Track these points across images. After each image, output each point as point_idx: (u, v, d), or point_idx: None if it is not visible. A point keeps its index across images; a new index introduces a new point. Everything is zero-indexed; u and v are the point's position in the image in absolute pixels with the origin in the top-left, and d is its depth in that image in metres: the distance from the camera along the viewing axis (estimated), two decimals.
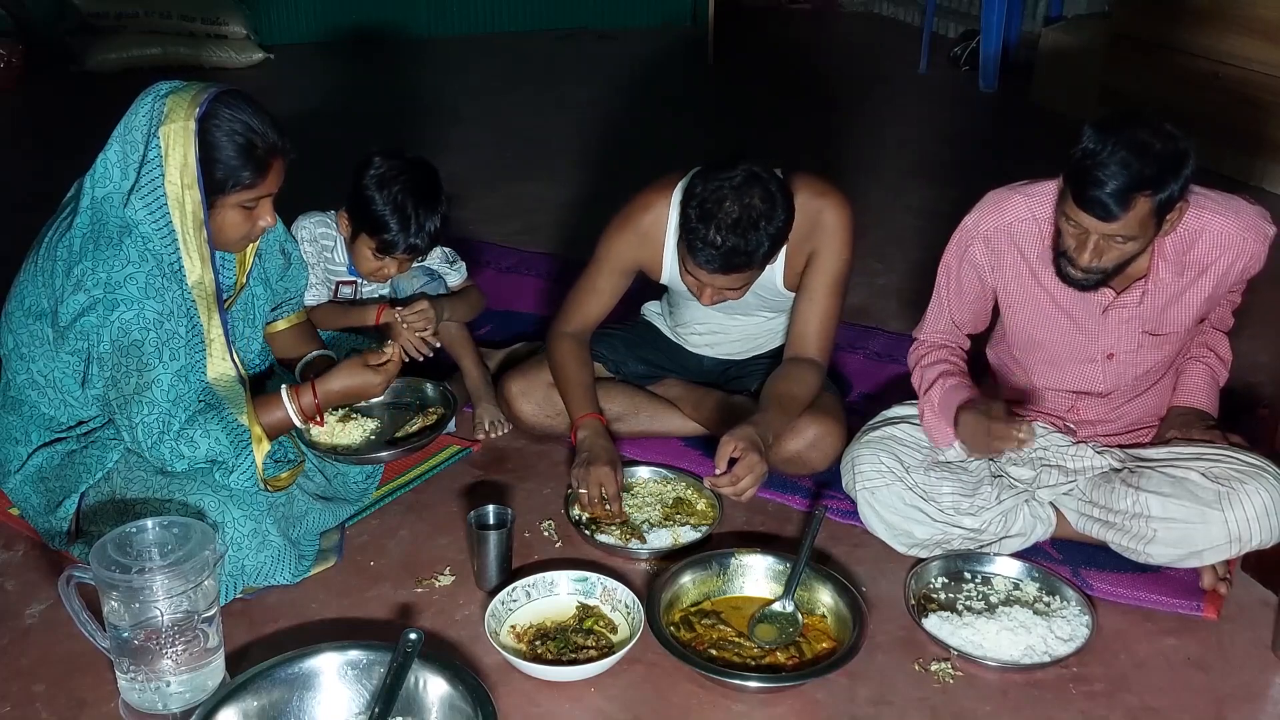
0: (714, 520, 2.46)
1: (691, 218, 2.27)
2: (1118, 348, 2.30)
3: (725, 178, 2.26)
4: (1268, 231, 2.23)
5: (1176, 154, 2.01)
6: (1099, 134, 2.02)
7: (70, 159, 2.36)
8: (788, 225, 2.32)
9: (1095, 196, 2.01)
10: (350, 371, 2.27)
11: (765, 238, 2.27)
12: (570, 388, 2.59)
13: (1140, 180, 1.99)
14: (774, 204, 2.27)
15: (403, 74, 6.33)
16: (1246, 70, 4.52)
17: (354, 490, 2.47)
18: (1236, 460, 2.21)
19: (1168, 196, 2.02)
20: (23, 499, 2.27)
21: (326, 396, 2.25)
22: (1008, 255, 2.30)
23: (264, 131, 2.08)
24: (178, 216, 2.05)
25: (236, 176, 2.07)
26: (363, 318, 2.75)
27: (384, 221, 2.61)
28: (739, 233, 2.24)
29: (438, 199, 2.67)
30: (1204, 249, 2.20)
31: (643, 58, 6.78)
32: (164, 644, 1.82)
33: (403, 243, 2.63)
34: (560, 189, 4.58)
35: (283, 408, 2.21)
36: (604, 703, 1.98)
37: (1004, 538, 2.33)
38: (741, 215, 2.24)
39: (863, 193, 4.49)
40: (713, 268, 2.29)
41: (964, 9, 7.00)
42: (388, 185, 2.60)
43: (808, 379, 2.51)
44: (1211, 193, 2.22)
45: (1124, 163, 1.98)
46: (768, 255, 2.31)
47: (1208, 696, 2.03)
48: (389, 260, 2.69)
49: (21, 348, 2.18)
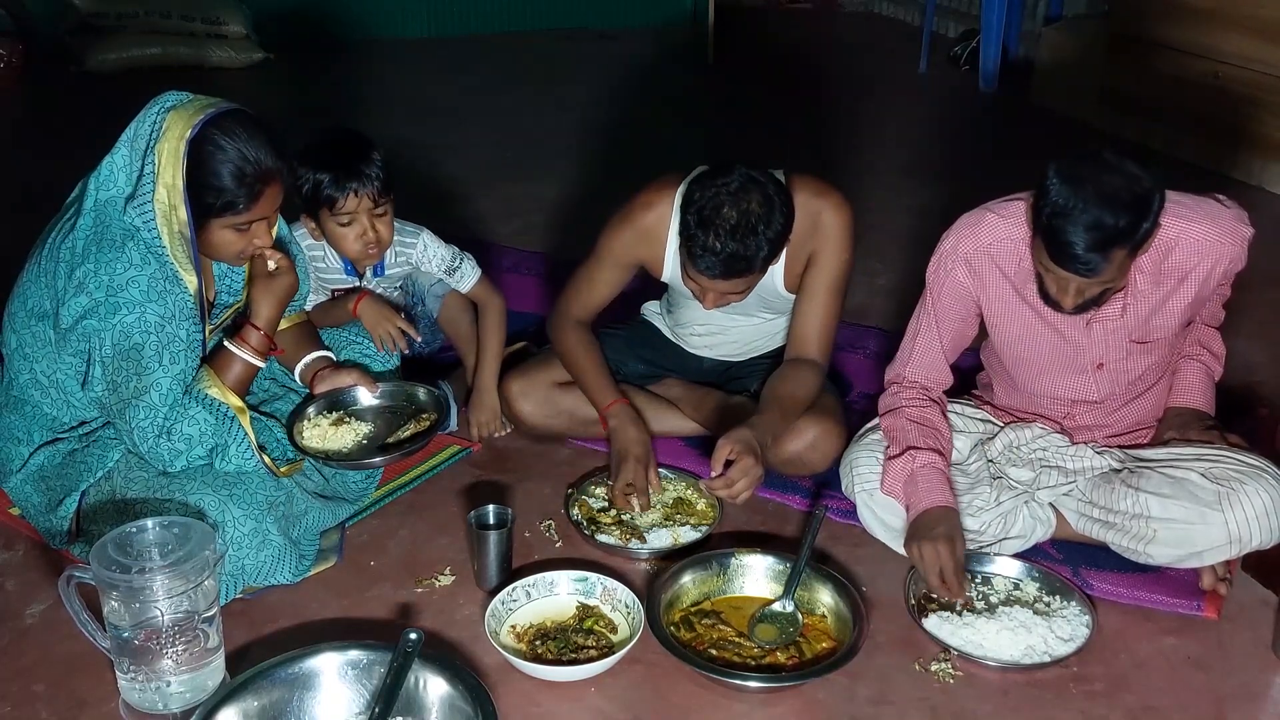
0: (714, 520, 2.46)
1: (690, 224, 2.27)
2: (1106, 357, 2.30)
3: (722, 183, 2.26)
4: (1244, 233, 2.21)
5: (1145, 197, 1.97)
6: (1066, 186, 1.97)
7: (70, 159, 2.37)
8: (787, 228, 2.32)
9: (1072, 256, 1.99)
10: (264, 291, 2.24)
11: (764, 242, 2.27)
12: (588, 375, 2.60)
13: (1115, 236, 1.96)
14: (772, 207, 2.27)
15: (403, 74, 6.32)
16: (1246, 70, 4.52)
17: (353, 490, 2.47)
18: (1236, 461, 2.21)
19: (1142, 237, 2.00)
20: (23, 498, 2.27)
21: (268, 323, 2.24)
22: (989, 275, 2.28)
23: (257, 159, 2.06)
24: (166, 232, 2.07)
25: (225, 202, 2.07)
26: (345, 311, 2.73)
27: (317, 180, 2.53)
28: (738, 238, 2.24)
29: (361, 140, 2.59)
30: (1181, 256, 2.18)
31: (642, 57, 6.78)
32: (164, 644, 1.83)
33: (345, 184, 2.52)
34: (560, 189, 4.58)
35: (237, 359, 2.20)
36: (604, 703, 1.98)
37: (1004, 539, 2.32)
38: (740, 220, 2.24)
39: (863, 193, 4.48)
40: (714, 274, 2.29)
41: (964, 9, 6.99)
42: (306, 155, 2.54)
43: (808, 380, 2.51)
44: (1185, 198, 2.19)
45: (1096, 223, 1.95)
46: (768, 259, 2.31)
47: (1208, 696, 2.03)
48: (359, 220, 2.57)
49: (24, 347, 2.18)
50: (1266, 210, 4.24)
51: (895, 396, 2.40)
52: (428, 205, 4.29)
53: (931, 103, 5.96)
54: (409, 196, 4.09)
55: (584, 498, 2.53)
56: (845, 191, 2.51)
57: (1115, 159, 1.99)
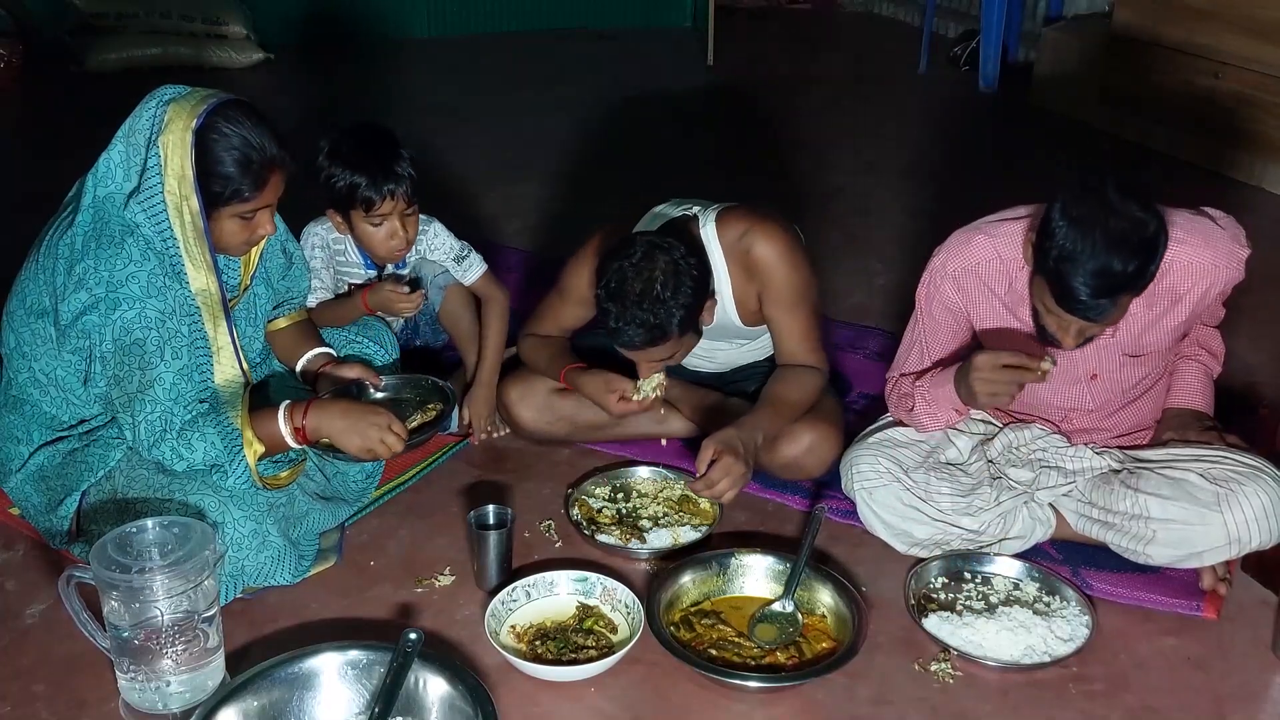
0: (714, 520, 2.46)
1: (601, 299, 2.29)
2: (1100, 369, 2.29)
3: (625, 256, 2.28)
4: (1241, 255, 2.20)
5: (1152, 240, 1.94)
6: (1073, 230, 1.94)
7: (70, 159, 2.36)
8: (699, 290, 2.31)
9: (1079, 301, 1.97)
10: (345, 426, 2.20)
11: (676, 308, 2.27)
12: (547, 357, 2.64)
13: (1123, 282, 1.95)
14: (678, 272, 2.27)
15: (403, 74, 6.32)
16: (1246, 70, 4.52)
17: (353, 490, 2.47)
18: (1234, 461, 2.21)
19: (1148, 279, 1.99)
20: (23, 498, 2.27)
21: (314, 433, 2.20)
22: (978, 293, 2.28)
23: (262, 145, 2.07)
24: (178, 225, 2.06)
25: (233, 189, 2.08)
26: (353, 308, 2.74)
27: (353, 183, 2.54)
28: (645, 307, 2.25)
29: (391, 139, 2.61)
30: (1175, 279, 2.17)
31: (642, 58, 6.78)
32: (164, 644, 1.83)
33: (382, 186, 2.54)
34: (560, 189, 4.58)
35: (275, 424, 2.17)
36: (604, 703, 1.98)
37: (1004, 539, 2.33)
38: (645, 290, 2.25)
39: (863, 193, 4.49)
40: (634, 345, 2.31)
41: (964, 9, 6.99)
42: (338, 152, 2.56)
43: (805, 382, 2.50)
44: (1180, 216, 2.17)
45: (1104, 269, 1.92)
46: (685, 322, 2.30)
47: (1208, 696, 2.03)
48: (390, 221, 2.59)
49: (23, 346, 2.18)
50: (1266, 210, 4.24)
51: (890, 390, 2.45)
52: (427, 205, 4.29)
53: (931, 103, 5.96)
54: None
55: (584, 498, 2.53)
56: (845, 192, 2.50)
57: (1119, 199, 1.95)
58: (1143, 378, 2.32)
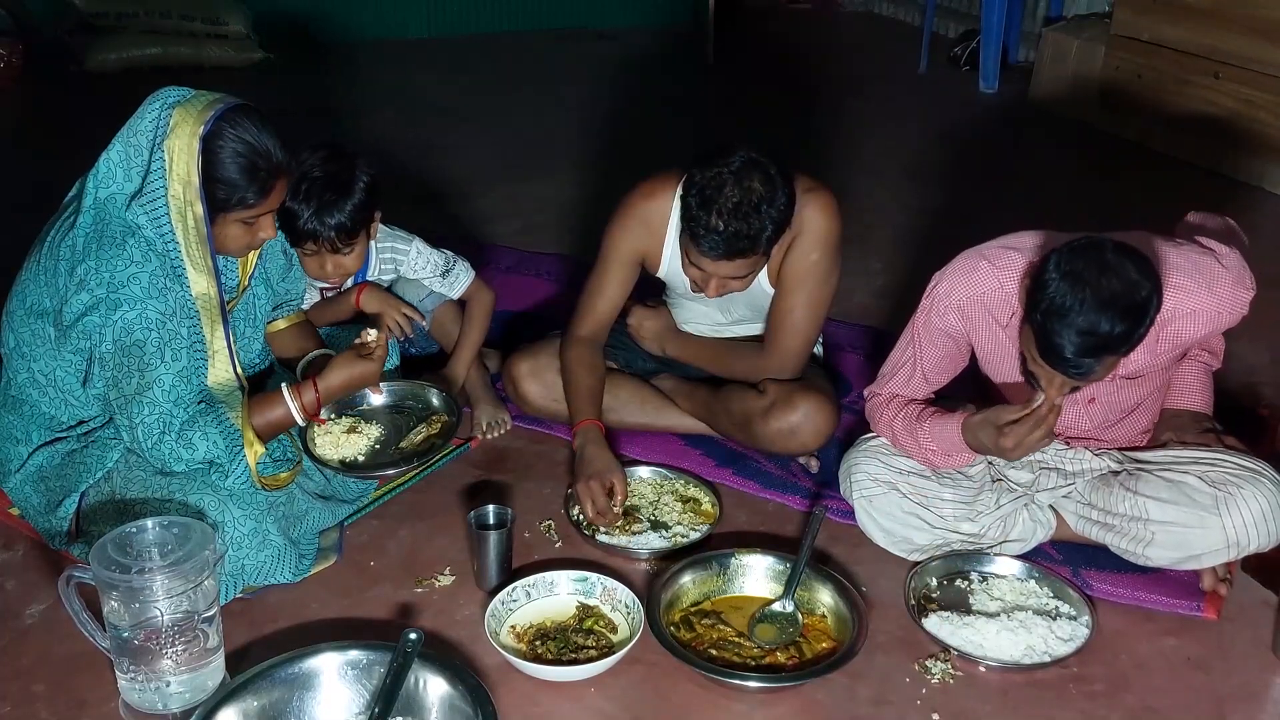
0: (714, 520, 2.46)
1: (692, 206, 2.27)
2: (1097, 394, 2.28)
3: (724, 164, 2.27)
4: (1245, 298, 2.14)
5: (1143, 305, 1.91)
6: (1065, 284, 1.91)
7: (70, 159, 2.36)
8: (790, 207, 2.32)
9: (1062, 359, 1.95)
10: (346, 365, 2.28)
11: (768, 221, 2.27)
12: (575, 392, 2.60)
13: (1108, 344, 1.92)
14: (775, 186, 2.27)
15: (403, 74, 6.32)
16: (1246, 70, 4.52)
17: (353, 489, 2.47)
18: (1233, 464, 2.21)
19: (1135, 342, 1.96)
20: (23, 499, 2.27)
21: (328, 392, 2.26)
22: (982, 321, 2.25)
23: (267, 152, 2.08)
24: (180, 229, 2.06)
25: (238, 197, 2.08)
26: (346, 307, 2.74)
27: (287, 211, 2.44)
28: (740, 217, 2.24)
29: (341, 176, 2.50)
30: (1178, 328, 2.13)
31: (642, 57, 6.78)
32: (164, 644, 1.82)
33: (302, 231, 2.47)
34: (560, 189, 4.58)
35: (284, 405, 2.21)
36: (604, 703, 1.98)
37: (1004, 542, 2.32)
38: (743, 199, 2.24)
39: (863, 193, 4.49)
40: (717, 254, 2.29)
41: (964, 9, 7.00)
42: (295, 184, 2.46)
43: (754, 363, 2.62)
44: (1182, 258, 2.12)
45: (1090, 328, 1.89)
46: (772, 238, 2.31)
47: (1208, 696, 2.03)
48: (320, 257, 2.54)
49: (23, 346, 2.18)
50: (1266, 210, 4.23)
51: (873, 410, 2.43)
52: (428, 205, 4.31)
53: (931, 103, 5.96)
54: (408, 197, 4.12)
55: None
56: (845, 192, 2.51)
57: (1117, 259, 1.92)
58: (1141, 398, 2.32)
